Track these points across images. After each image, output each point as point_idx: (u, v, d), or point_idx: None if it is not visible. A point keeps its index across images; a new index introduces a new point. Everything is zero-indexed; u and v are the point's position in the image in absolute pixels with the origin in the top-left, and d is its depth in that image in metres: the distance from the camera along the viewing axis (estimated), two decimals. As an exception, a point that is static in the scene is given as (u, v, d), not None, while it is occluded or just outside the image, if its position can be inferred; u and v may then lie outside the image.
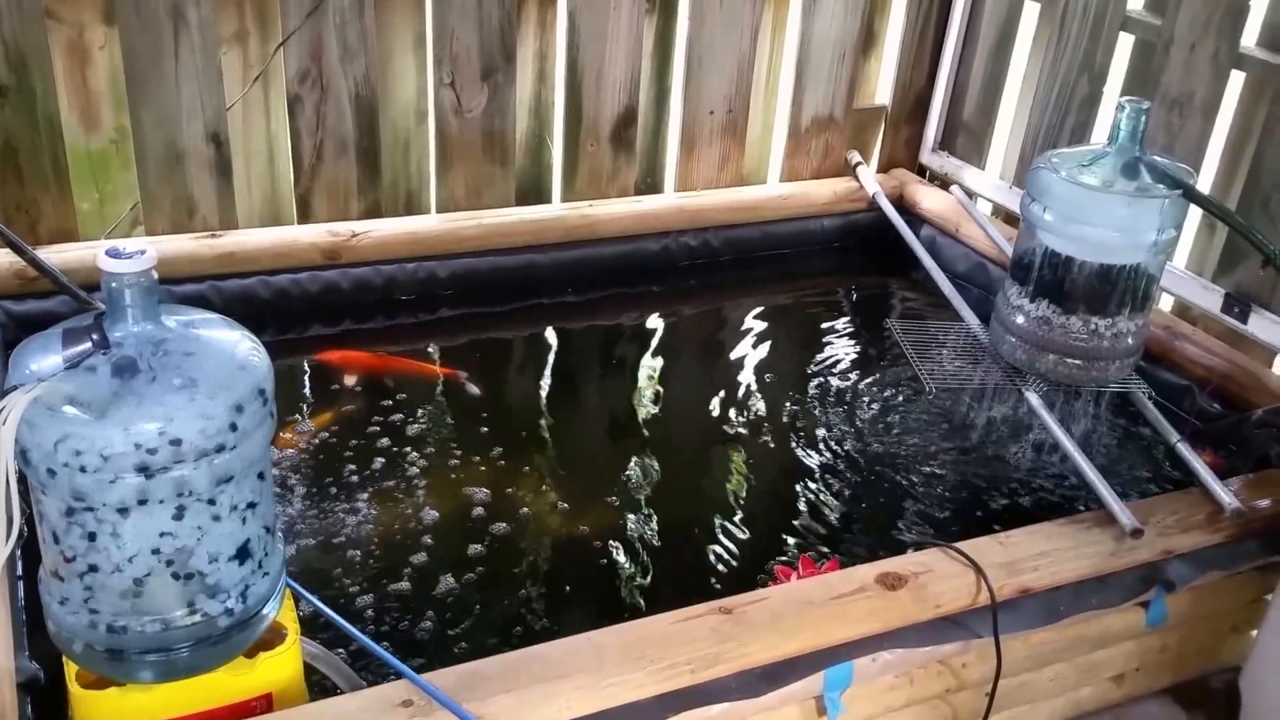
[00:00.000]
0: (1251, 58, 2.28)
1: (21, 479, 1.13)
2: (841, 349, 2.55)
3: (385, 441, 2.08)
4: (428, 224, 2.59)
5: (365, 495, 1.94)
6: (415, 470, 2.01)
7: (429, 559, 1.82)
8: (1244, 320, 2.28)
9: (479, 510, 1.93)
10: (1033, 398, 2.07)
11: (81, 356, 1.14)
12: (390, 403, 2.19)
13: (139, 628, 1.20)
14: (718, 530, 1.96)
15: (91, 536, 1.15)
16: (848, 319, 2.71)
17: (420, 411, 2.17)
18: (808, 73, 2.91)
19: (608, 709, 1.35)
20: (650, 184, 2.91)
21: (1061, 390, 2.11)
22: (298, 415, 2.14)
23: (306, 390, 2.25)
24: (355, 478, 1.98)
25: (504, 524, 1.91)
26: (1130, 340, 2.04)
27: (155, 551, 1.17)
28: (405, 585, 1.77)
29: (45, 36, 2.18)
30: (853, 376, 2.42)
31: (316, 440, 2.07)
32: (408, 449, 2.06)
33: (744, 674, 1.43)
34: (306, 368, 2.31)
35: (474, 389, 2.29)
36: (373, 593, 1.75)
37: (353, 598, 1.73)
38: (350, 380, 2.25)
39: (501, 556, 1.84)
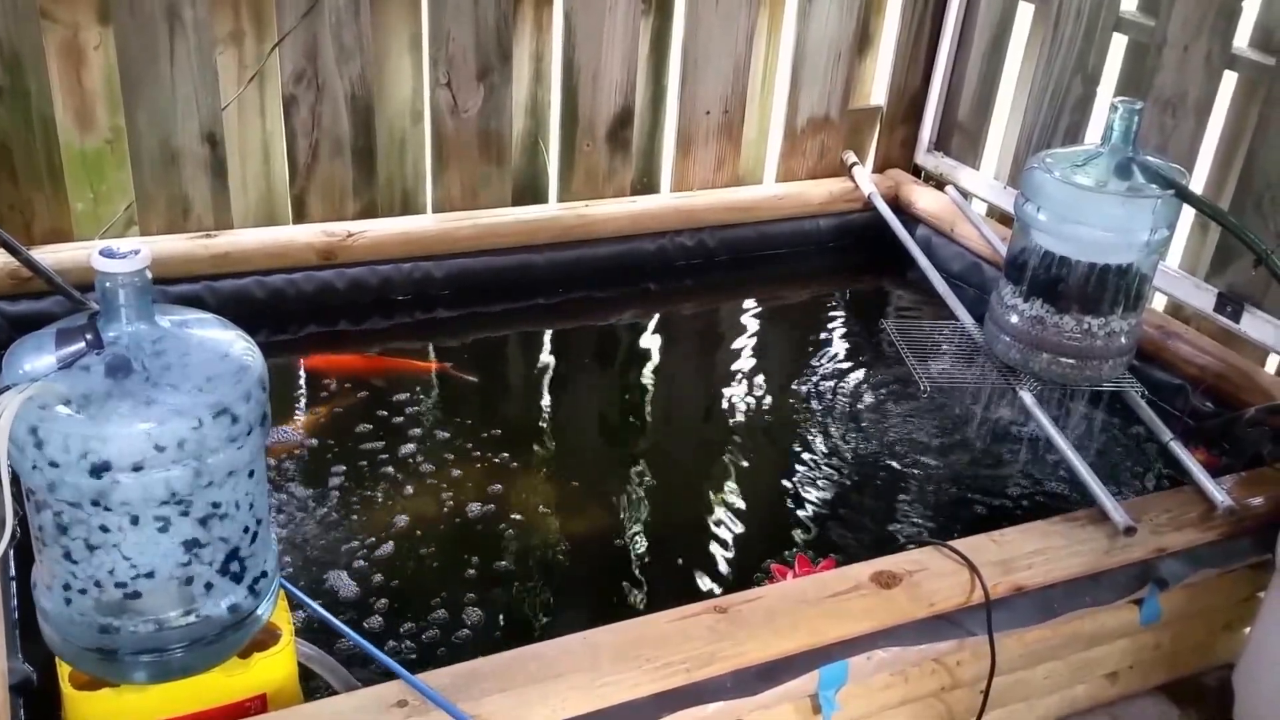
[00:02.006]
0: (1244, 58, 2.29)
1: (14, 479, 1.13)
2: (837, 348, 2.55)
3: (378, 442, 2.07)
4: (423, 224, 2.59)
5: (361, 496, 1.94)
6: (409, 470, 2.01)
7: (423, 558, 1.82)
8: (1237, 319, 2.28)
9: (474, 510, 1.93)
10: (1027, 397, 2.08)
11: (75, 356, 1.14)
12: (382, 402, 2.19)
13: (133, 628, 1.20)
14: (713, 529, 1.96)
15: (85, 537, 1.15)
16: (843, 319, 2.72)
17: (412, 411, 2.17)
18: (803, 74, 2.91)
19: (603, 708, 1.35)
20: (646, 184, 2.91)
21: (1055, 389, 2.11)
22: (291, 416, 2.13)
23: (299, 392, 2.25)
24: (351, 478, 1.98)
25: (500, 523, 1.91)
26: (1123, 339, 2.05)
27: (149, 552, 1.17)
28: (400, 585, 1.76)
29: (40, 36, 2.18)
30: (848, 376, 2.42)
31: (310, 441, 2.07)
32: (401, 449, 2.06)
33: (739, 673, 1.44)
34: (301, 370, 2.31)
35: (465, 377, 2.29)
36: (368, 593, 1.75)
37: (349, 598, 1.73)
38: (340, 383, 2.25)
39: (497, 555, 1.84)
